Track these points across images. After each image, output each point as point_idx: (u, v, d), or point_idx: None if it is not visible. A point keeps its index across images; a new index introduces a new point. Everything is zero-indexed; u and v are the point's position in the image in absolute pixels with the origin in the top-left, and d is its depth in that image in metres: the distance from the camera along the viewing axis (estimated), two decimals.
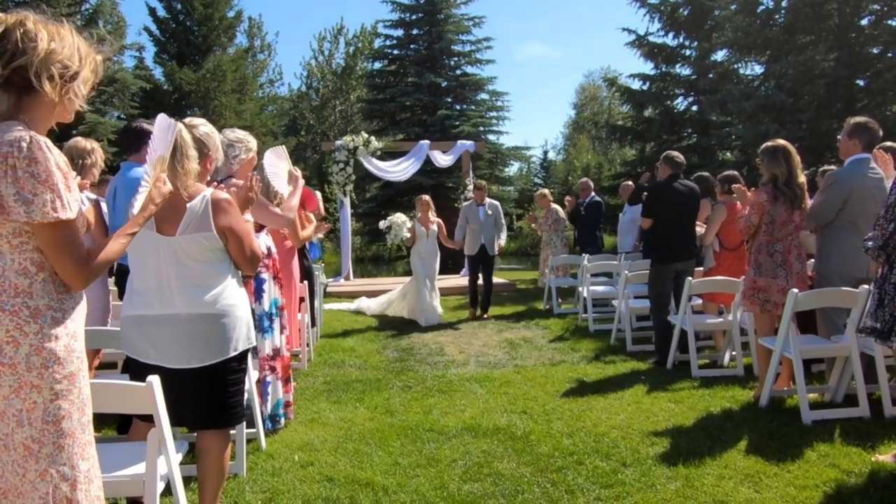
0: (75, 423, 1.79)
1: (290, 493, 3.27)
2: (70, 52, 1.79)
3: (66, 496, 1.75)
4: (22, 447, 1.73)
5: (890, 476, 3.27)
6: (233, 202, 2.81)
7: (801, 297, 4.23)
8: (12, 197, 1.67)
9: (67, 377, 1.78)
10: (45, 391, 1.73)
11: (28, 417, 1.72)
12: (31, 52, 1.71)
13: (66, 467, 1.76)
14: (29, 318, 1.73)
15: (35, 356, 1.72)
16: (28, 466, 1.73)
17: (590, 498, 3.19)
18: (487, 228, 8.70)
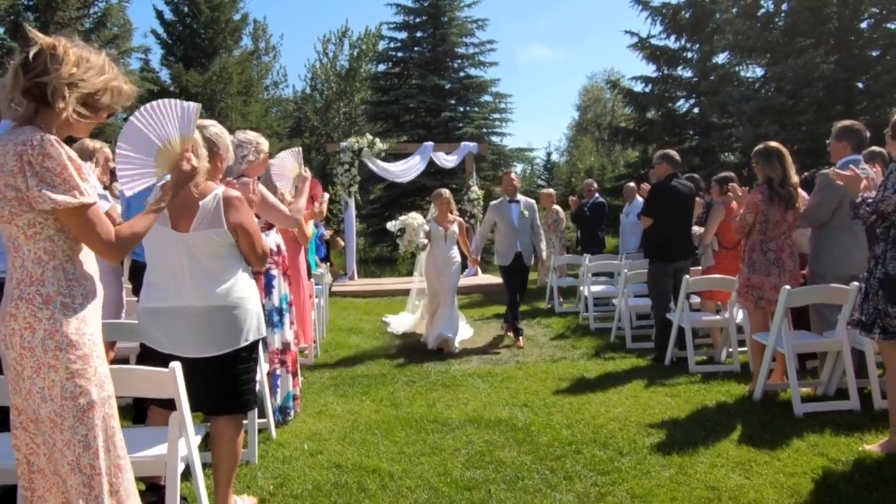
0: (94, 398, 1.95)
1: (301, 479, 3.42)
2: (90, 79, 1.95)
3: (90, 463, 1.91)
4: (48, 421, 1.90)
5: (875, 463, 3.41)
6: (243, 200, 2.97)
7: (794, 293, 4.36)
8: (35, 188, 1.84)
9: (81, 358, 1.93)
10: (61, 371, 1.89)
11: (49, 394, 1.89)
12: (53, 73, 1.89)
13: (88, 437, 1.92)
14: (41, 304, 1.90)
15: (49, 339, 1.89)
16: (55, 437, 1.90)
17: (587, 484, 3.33)
18: (524, 233, 7.13)
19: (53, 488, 1.96)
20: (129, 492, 2.04)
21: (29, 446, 1.95)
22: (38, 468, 1.96)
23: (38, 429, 1.92)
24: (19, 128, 1.92)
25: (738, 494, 3.14)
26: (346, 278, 13.42)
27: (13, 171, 1.86)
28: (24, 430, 1.94)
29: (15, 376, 1.90)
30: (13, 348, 1.88)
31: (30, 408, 1.90)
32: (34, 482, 1.96)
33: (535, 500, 3.16)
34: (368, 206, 21.71)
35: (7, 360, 1.91)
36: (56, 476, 1.94)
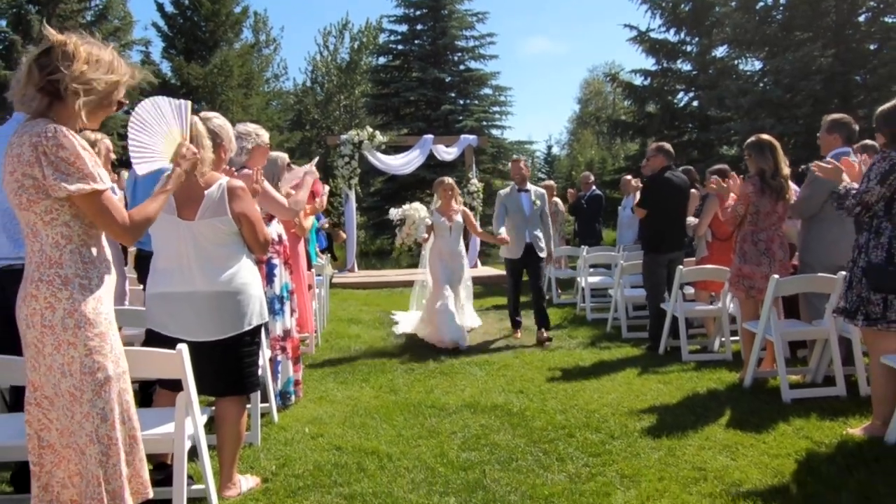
0: (111, 374, 2.06)
1: (302, 460, 3.54)
2: (100, 76, 2.06)
3: (107, 434, 2.03)
4: (68, 394, 2.01)
5: (857, 446, 3.53)
6: (247, 190, 3.09)
7: (782, 282, 4.47)
8: (52, 177, 1.95)
9: (98, 335, 2.05)
10: (79, 347, 2.01)
11: (69, 370, 2.00)
12: (65, 69, 1.99)
13: (105, 410, 2.03)
14: (61, 286, 2.01)
15: (69, 318, 2.00)
16: (74, 410, 2.01)
17: (578, 465, 3.45)
18: (534, 223, 6.79)
19: (62, 463, 2.07)
20: (143, 462, 2.16)
21: (41, 422, 2.06)
22: (47, 443, 2.07)
23: (52, 405, 2.03)
24: (33, 120, 2.03)
25: (723, 474, 3.26)
26: (347, 270, 13.53)
27: (30, 162, 1.96)
28: (37, 406, 2.06)
29: (35, 353, 2.01)
30: (34, 327, 1.99)
31: (48, 384, 2.01)
32: (43, 457, 2.08)
33: (528, 479, 3.28)
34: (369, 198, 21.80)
35: (28, 338, 2.02)
36: (67, 451, 2.05)
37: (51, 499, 2.07)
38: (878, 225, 3.64)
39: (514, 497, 3.08)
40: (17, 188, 2.00)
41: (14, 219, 2.91)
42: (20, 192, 2.00)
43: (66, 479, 2.07)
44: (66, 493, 2.08)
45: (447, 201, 6.61)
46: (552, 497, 3.07)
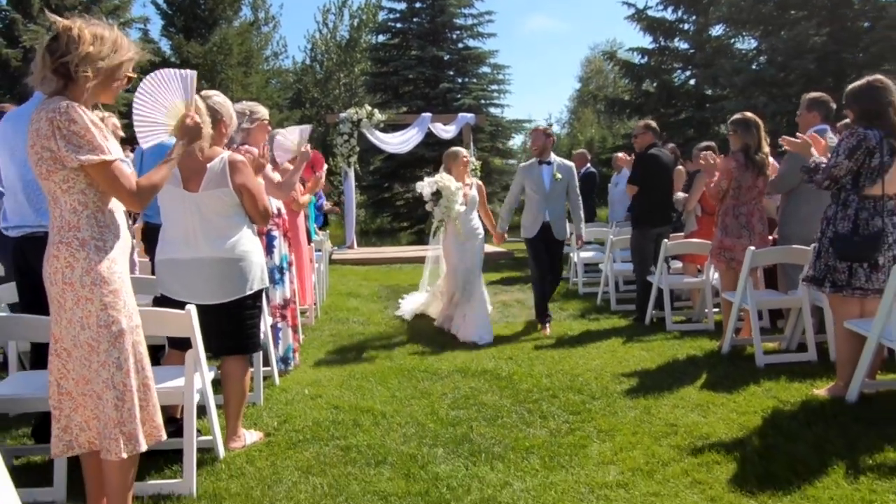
0: (125, 327, 2.28)
1: (302, 417, 3.79)
2: (106, 54, 2.26)
3: (122, 381, 2.26)
4: (86, 345, 2.24)
5: (819, 405, 3.77)
6: (247, 163, 3.31)
7: (758, 253, 4.69)
8: (64, 149, 2.16)
9: (113, 292, 2.27)
10: (96, 303, 2.23)
11: (87, 323, 2.23)
12: (73, 52, 2.20)
13: (120, 359, 2.26)
14: (78, 247, 2.23)
15: (86, 276, 2.22)
16: (92, 359, 2.24)
17: (559, 421, 3.70)
18: (555, 200, 6.05)
19: (79, 408, 2.30)
20: (155, 407, 2.40)
21: (60, 371, 2.29)
22: (65, 391, 2.30)
23: (70, 356, 2.26)
24: (50, 98, 2.23)
25: (693, 429, 3.51)
26: (346, 247, 13.75)
27: (47, 135, 2.17)
28: (57, 356, 2.28)
29: (58, 308, 2.24)
30: (56, 284, 2.22)
31: (68, 336, 2.24)
32: (62, 402, 2.31)
33: (512, 434, 3.53)
34: (368, 176, 21.95)
35: (51, 294, 2.24)
36: (83, 397, 2.28)
37: (70, 439, 2.31)
38: (846, 198, 3.85)
39: (497, 449, 3.33)
40: (37, 160, 2.21)
41: (36, 189, 3.15)
42: (40, 164, 2.21)
43: (83, 422, 2.30)
44: (83, 436, 2.31)
45: (461, 175, 5.97)
46: (532, 448, 3.32)
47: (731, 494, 2.79)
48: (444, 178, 5.81)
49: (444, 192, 5.75)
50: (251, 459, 3.22)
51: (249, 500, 2.82)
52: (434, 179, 5.83)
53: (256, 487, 2.93)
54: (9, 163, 3.24)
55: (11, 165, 3.24)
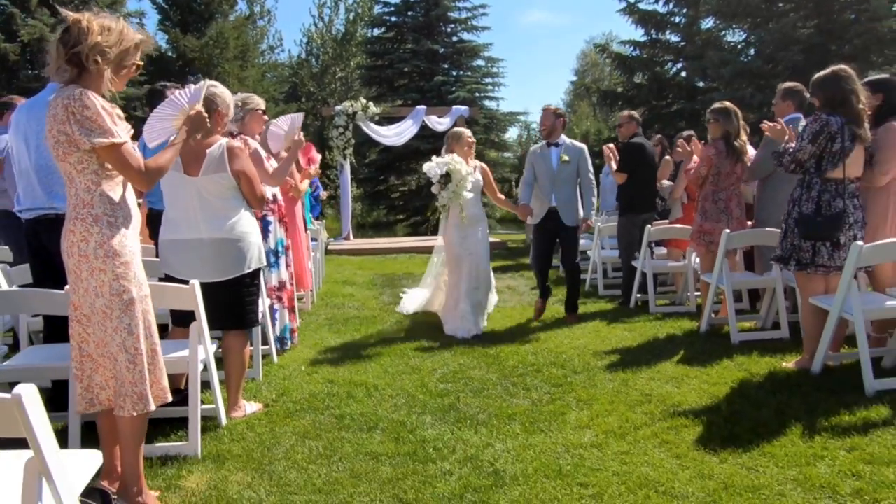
0: (135, 296, 2.50)
1: (299, 391, 4.01)
2: (114, 42, 2.46)
3: (133, 345, 2.48)
4: (101, 312, 2.45)
5: (786, 376, 4.01)
6: (244, 150, 3.52)
7: (733, 236, 4.92)
8: (77, 132, 2.37)
9: (124, 264, 2.48)
10: (108, 273, 2.44)
11: (101, 292, 2.44)
12: (84, 42, 2.40)
13: (132, 325, 2.48)
14: (92, 223, 2.43)
15: (99, 249, 2.43)
16: (107, 325, 2.46)
17: (541, 393, 3.93)
18: (562, 183, 5.75)
19: (99, 369, 2.52)
20: (162, 371, 2.61)
21: (81, 336, 2.50)
22: (87, 353, 2.52)
23: (90, 321, 2.48)
24: (66, 87, 2.44)
25: (666, 399, 3.74)
26: (342, 238, 13.96)
27: (63, 120, 2.38)
28: (77, 322, 2.50)
29: (75, 278, 2.45)
30: (73, 256, 2.43)
31: (85, 303, 2.45)
32: (83, 364, 2.53)
33: (496, 403, 3.76)
34: (364, 169, 22.12)
35: (69, 266, 2.46)
36: (103, 359, 2.50)
37: (91, 397, 2.52)
38: (810, 180, 4.08)
39: (482, 416, 3.56)
40: (54, 143, 2.42)
41: (49, 174, 3.37)
42: (57, 146, 2.41)
43: (103, 381, 2.52)
44: (103, 394, 2.53)
45: (466, 157, 5.58)
46: (515, 416, 3.55)
47: (696, 452, 3.02)
48: (454, 161, 5.42)
49: (454, 175, 5.37)
50: (251, 426, 3.44)
51: (250, 461, 3.04)
52: (444, 160, 5.43)
53: (256, 449, 3.15)
54: (23, 149, 3.45)
55: (25, 152, 3.46)
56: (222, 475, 2.89)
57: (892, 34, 11.71)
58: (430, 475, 2.86)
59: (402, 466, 2.95)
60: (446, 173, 5.38)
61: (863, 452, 2.91)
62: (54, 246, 3.07)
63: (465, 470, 2.90)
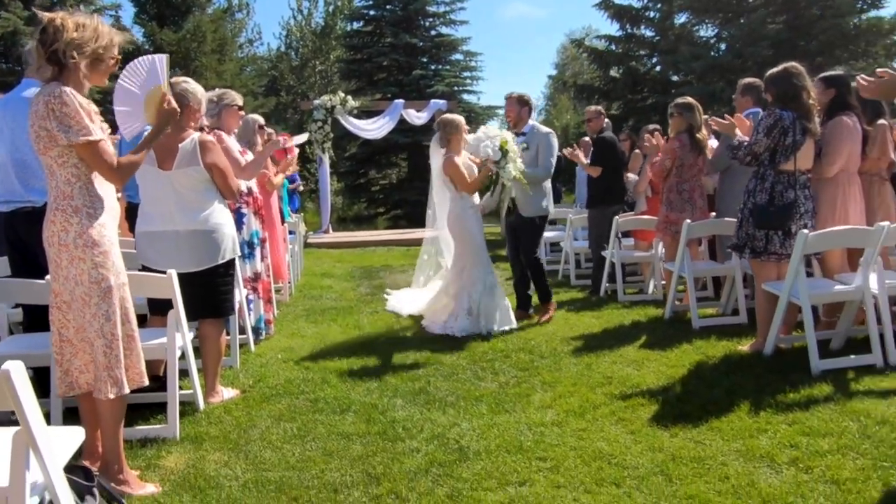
0: (113, 284, 2.62)
1: (275, 377, 4.16)
2: (89, 38, 2.57)
3: (111, 331, 2.60)
4: (80, 300, 2.57)
5: (740, 358, 4.23)
6: (216, 144, 3.65)
7: (693, 226, 5.13)
8: (56, 128, 2.48)
9: (103, 253, 2.60)
10: (87, 262, 2.56)
11: (80, 280, 2.56)
12: (60, 40, 2.51)
13: (109, 312, 2.60)
14: (72, 214, 2.55)
15: (79, 239, 2.55)
16: (86, 311, 2.58)
17: (508, 377, 4.11)
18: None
19: (78, 353, 2.64)
20: (139, 357, 2.74)
21: (61, 321, 2.62)
22: (66, 338, 2.63)
23: (70, 308, 2.60)
24: (48, 84, 2.55)
25: (626, 380, 3.93)
26: (322, 231, 14.05)
27: (43, 116, 2.49)
28: (58, 309, 2.62)
29: (55, 267, 2.57)
30: (53, 246, 2.55)
31: (65, 291, 2.57)
32: (63, 349, 2.65)
33: (464, 387, 3.93)
34: (345, 163, 22.16)
35: (50, 255, 2.57)
36: (82, 343, 2.62)
37: (71, 381, 2.65)
38: (764, 172, 4.28)
39: (450, 398, 3.73)
40: (36, 137, 2.53)
41: (24, 168, 3.46)
42: (38, 141, 2.53)
43: (82, 366, 2.64)
44: (82, 378, 2.66)
45: (459, 146, 5.32)
46: (482, 398, 3.72)
47: (649, 428, 3.21)
48: (503, 133, 5.09)
49: (510, 148, 5.01)
50: (229, 410, 3.58)
51: (227, 442, 3.18)
52: (492, 134, 5.05)
53: (233, 431, 3.30)
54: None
55: (1, 146, 3.54)
56: (200, 455, 3.03)
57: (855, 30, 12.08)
58: (399, 452, 3.02)
59: (372, 445, 3.11)
60: (504, 148, 5.00)
61: (802, 426, 3.12)
62: (31, 238, 3.19)
63: (432, 447, 3.06)
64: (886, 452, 2.82)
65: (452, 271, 5.43)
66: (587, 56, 17.56)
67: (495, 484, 2.70)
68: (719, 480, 2.66)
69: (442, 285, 5.62)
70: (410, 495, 2.63)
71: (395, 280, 8.05)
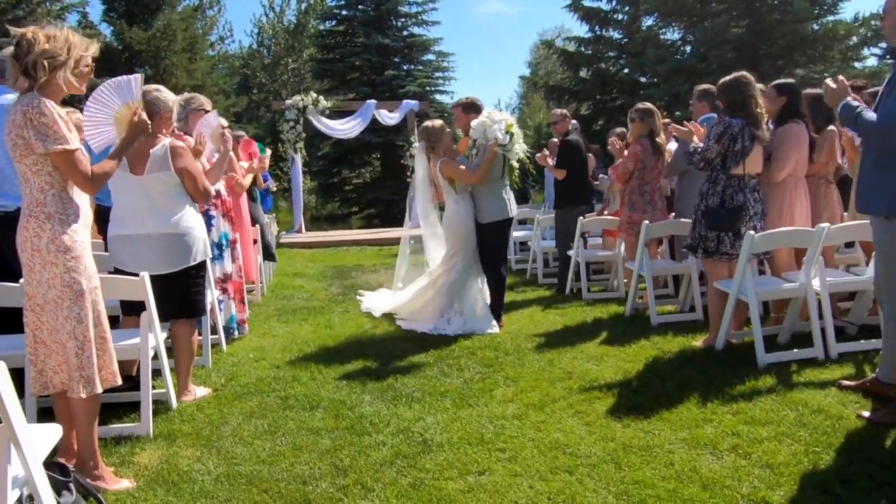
0: (85, 288, 2.71)
1: (247, 376, 4.27)
2: (61, 48, 2.67)
3: (83, 333, 2.70)
4: (53, 303, 2.67)
5: (692, 352, 4.45)
6: (187, 149, 3.75)
7: (651, 226, 5.35)
8: (33, 137, 2.58)
9: (74, 258, 2.70)
10: (60, 266, 2.66)
11: (53, 283, 2.66)
12: (33, 52, 2.60)
13: (81, 314, 2.70)
14: (45, 220, 2.65)
15: (51, 244, 2.65)
16: (58, 314, 2.68)
17: (473, 373, 4.27)
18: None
19: (52, 355, 2.74)
20: (112, 357, 2.84)
21: (35, 324, 2.72)
22: (40, 340, 2.73)
23: (43, 311, 2.69)
24: (25, 95, 2.64)
25: (585, 375, 4.12)
26: (294, 231, 14.10)
27: (21, 125, 2.58)
28: (32, 311, 2.71)
29: (28, 271, 2.66)
30: (27, 251, 2.64)
31: (39, 294, 2.67)
32: (37, 350, 2.74)
33: (430, 382, 4.08)
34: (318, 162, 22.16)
35: (23, 259, 2.66)
36: (56, 345, 2.72)
37: (45, 381, 2.74)
38: (716, 176, 4.50)
39: (416, 394, 3.88)
40: (12, 145, 2.62)
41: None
42: (14, 149, 2.62)
43: (56, 366, 2.74)
44: (56, 378, 2.75)
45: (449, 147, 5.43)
46: (447, 393, 3.88)
47: (604, 420, 3.40)
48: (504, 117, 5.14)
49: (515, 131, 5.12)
50: (201, 408, 3.69)
51: (199, 438, 3.29)
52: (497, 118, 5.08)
53: (206, 428, 3.41)
54: None
55: None
56: (173, 451, 3.14)
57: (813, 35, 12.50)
58: (366, 445, 3.16)
59: (340, 439, 3.25)
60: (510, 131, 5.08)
61: (745, 415, 3.33)
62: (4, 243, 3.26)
63: (397, 440, 3.21)
64: (819, 438, 3.04)
65: (442, 267, 5.48)
66: (557, 57, 17.81)
67: (456, 473, 2.86)
68: (664, 467, 2.86)
69: (427, 281, 5.69)
70: (375, 485, 2.78)
71: (366, 280, 8.18)
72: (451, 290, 5.37)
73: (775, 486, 2.65)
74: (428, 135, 5.41)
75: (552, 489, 2.71)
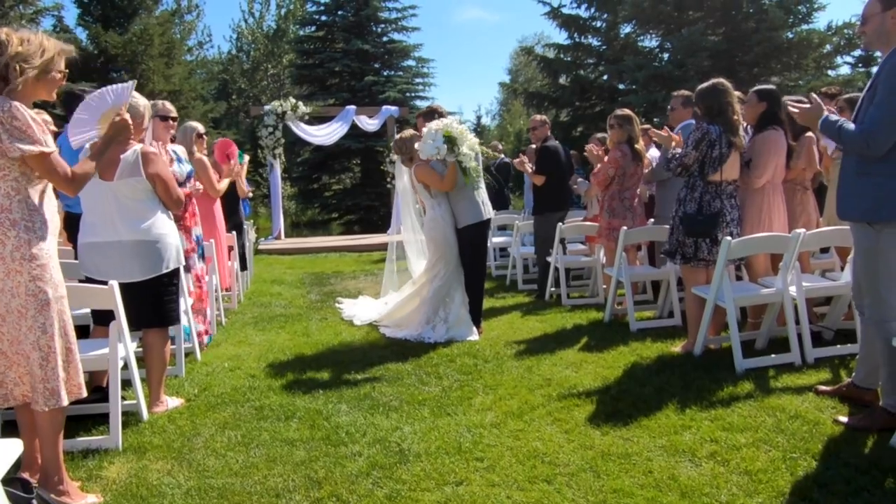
0: (51, 297, 2.63)
1: (221, 385, 4.18)
2: (34, 51, 2.60)
3: (47, 344, 2.61)
4: (16, 312, 2.58)
5: (671, 357, 4.45)
6: (158, 154, 3.68)
7: (629, 232, 5.36)
8: (7, 141, 2.51)
9: (40, 266, 2.62)
10: (24, 275, 2.58)
11: (16, 292, 2.57)
12: (5, 54, 2.53)
13: (46, 324, 2.61)
14: (10, 227, 2.57)
15: (16, 252, 2.57)
16: (22, 324, 2.59)
17: (451, 380, 4.23)
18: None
19: (13, 366, 2.64)
20: (77, 369, 2.75)
21: None
22: (1, 351, 2.64)
23: (5, 320, 2.60)
24: None
25: (564, 382, 4.10)
26: (273, 238, 13.96)
27: None
28: None
29: None
30: None
31: (1, 303, 2.57)
32: None
33: (409, 391, 4.03)
34: (298, 168, 22.03)
35: None
36: (17, 356, 2.63)
37: (5, 392, 2.65)
38: (693, 183, 4.52)
39: (394, 403, 3.82)
40: None
41: None
42: None
43: (17, 378, 2.64)
44: (17, 390, 2.66)
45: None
46: (425, 401, 3.83)
47: (583, 427, 3.37)
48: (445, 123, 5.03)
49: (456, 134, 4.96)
50: (173, 419, 3.60)
51: (171, 451, 3.21)
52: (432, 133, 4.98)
53: (177, 440, 3.32)
54: None
55: None
56: (143, 464, 3.05)
57: (788, 43, 12.68)
58: (341, 456, 3.10)
59: (315, 450, 3.18)
60: (447, 137, 4.93)
61: (723, 422, 3.33)
62: None
63: (374, 450, 3.16)
64: (797, 444, 3.04)
65: (427, 275, 5.48)
66: (537, 64, 17.89)
67: (433, 484, 2.81)
68: (643, 475, 2.83)
69: (413, 289, 5.69)
70: (351, 498, 2.72)
71: (345, 287, 8.10)
72: (436, 297, 5.35)
73: (753, 494, 2.64)
74: (399, 147, 5.54)
75: (530, 499, 2.67)
